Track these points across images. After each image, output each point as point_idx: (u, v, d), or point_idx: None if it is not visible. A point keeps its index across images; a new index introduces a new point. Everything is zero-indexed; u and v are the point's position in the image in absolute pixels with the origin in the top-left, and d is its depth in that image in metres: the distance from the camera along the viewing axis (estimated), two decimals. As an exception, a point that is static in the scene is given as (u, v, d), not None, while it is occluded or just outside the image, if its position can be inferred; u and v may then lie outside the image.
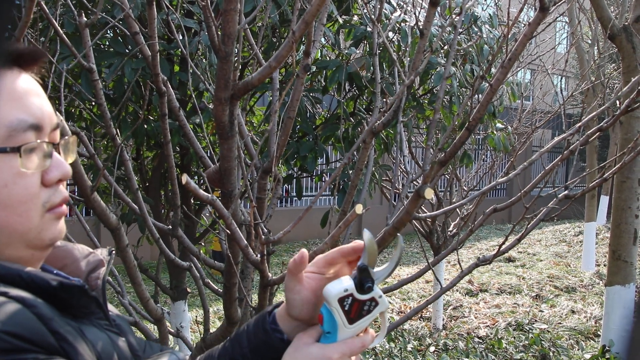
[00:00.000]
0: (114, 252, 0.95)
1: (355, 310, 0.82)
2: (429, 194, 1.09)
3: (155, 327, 2.21)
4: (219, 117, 1.26)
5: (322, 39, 3.93)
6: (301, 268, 0.84)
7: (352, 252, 0.84)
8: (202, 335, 2.04)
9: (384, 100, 3.16)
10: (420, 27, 1.81)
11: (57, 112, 0.85)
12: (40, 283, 0.72)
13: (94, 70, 1.61)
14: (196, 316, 5.50)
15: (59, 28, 1.57)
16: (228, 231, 1.23)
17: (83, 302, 0.78)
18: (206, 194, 1.10)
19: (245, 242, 1.27)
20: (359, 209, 1.03)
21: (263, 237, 1.22)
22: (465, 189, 5.60)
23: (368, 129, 1.68)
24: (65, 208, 0.79)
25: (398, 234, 0.91)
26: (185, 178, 1.06)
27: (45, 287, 0.72)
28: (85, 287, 0.77)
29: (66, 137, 0.81)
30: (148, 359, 0.88)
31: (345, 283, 0.82)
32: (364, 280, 0.81)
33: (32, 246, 0.75)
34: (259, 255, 1.26)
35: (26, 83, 0.74)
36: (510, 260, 9.47)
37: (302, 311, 0.84)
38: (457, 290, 7.30)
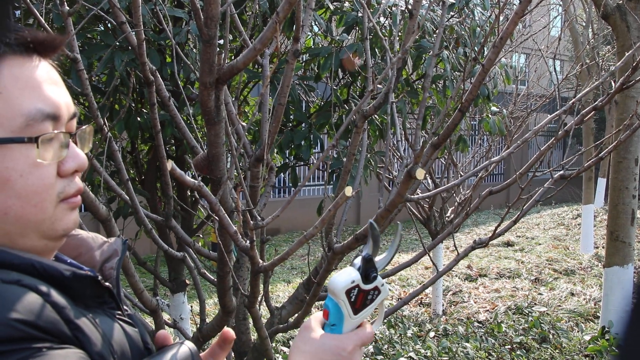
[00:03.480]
0: (128, 241, 0.94)
1: (360, 300, 0.83)
2: (420, 174, 1.07)
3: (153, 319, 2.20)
4: (205, 102, 1.24)
5: (315, 27, 3.90)
6: None
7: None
8: (198, 326, 2.03)
9: (377, 84, 3.14)
10: (410, 8, 1.78)
11: None
12: (53, 273, 0.71)
13: (78, 60, 1.59)
14: (191, 306, 5.49)
15: (41, 18, 1.54)
16: (217, 218, 1.21)
17: (96, 292, 0.77)
18: (192, 180, 1.09)
19: (235, 228, 1.26)
20: (348, 191, 1.02)
21: (252, 223, 1.20)
22: (462, 174, 5.59)
23: (355, 109, 1.66)
24: (79, 199, 0.79)
25: (398, 222, 0.91)
26: (170, 164, 1.04)
27: (58, 276, 0.72)
28: (98, 277, 0.77)
29: (83, 127, 0.81)
30: (159, 350, 0.87)
31: (351, 274, 0.82)
32: (369, 271, 0.82)
33: (45, 236, 0.75)
34: (248, 242, 1.25)
35: (45, 71, 0.73)
36: (509, 244, 9.48)
37: None
38: (456, 276, 7.31)
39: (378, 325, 0.89)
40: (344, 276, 0.82)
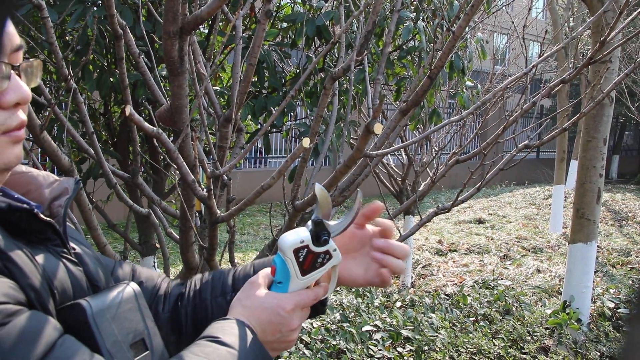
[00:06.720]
0: (80, 181, 0.94)
1: (309, 261, 0.82)
2: (378, 128, 1.09)
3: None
4: (169, 52, 1.23)
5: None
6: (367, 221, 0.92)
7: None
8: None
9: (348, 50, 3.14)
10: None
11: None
12: None
13: (43, 7, 1.56)
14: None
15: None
16: (175, 166, 1.21)
17: (35, 226, 0.77)
18: (151, 126, 1.08)
19: (192, 177, 1.26)
20: (305, 142, 1.03)
21: (209, 171, 1.21)
22: (436, 148, 5.64)
23: (311, 67, 1.66)
24: (22, 133, 0.78)
25: (358, 189, 0.91)
26: (128, 109, 1.04)
27: None
28: (35, 211, 0.76)
29: (30, 60, 0.79)
30: (105, 289, 0.87)
31: (301, 234, 0.82)
32: (320, 233, 0.82)
33: None
34: (205, 191, 1.26)
35: None
36: (480, 221, 9.63)
37: None
38: (427, 250, 7.41)
39: (329, 293, 0.88)
40: (294, 235, 0.82)
